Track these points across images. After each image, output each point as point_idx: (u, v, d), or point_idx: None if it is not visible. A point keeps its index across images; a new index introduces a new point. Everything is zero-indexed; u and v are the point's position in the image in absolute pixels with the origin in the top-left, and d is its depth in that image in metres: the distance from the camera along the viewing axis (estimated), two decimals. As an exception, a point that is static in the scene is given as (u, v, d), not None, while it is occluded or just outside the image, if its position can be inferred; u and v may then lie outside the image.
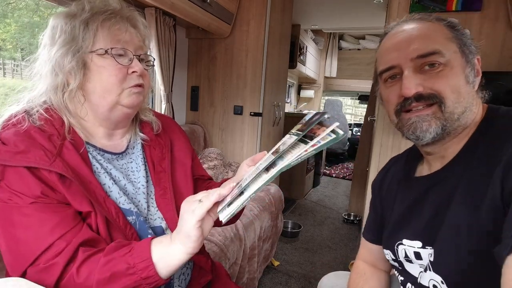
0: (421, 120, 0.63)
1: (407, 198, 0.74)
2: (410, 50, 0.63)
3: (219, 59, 2.41)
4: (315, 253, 2.46)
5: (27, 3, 1.56)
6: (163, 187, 0.76)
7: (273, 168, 0.54)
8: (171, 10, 1.73)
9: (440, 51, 0.61)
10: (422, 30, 0.64)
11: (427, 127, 0.62)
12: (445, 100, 0.61)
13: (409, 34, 0.65)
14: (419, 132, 0.63)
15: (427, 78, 0.62)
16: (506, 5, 1.77)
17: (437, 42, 0.62)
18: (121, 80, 0.67)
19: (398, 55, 0.65)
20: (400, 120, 0.67)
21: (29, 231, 0.57)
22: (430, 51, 0.61)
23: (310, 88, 5.71)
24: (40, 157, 0.59)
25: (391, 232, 0.76)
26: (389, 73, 0.68)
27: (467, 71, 0.63)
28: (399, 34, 0.67)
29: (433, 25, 0.65)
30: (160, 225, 0.74)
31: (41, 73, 0.67)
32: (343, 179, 4.81)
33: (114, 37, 0.67)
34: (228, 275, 0.96)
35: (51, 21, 0.68)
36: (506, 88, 1.63)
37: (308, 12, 3.60)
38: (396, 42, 0.66)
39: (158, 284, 0.59)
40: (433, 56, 0.61)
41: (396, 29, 0.68)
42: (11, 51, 1.59)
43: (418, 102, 0.63)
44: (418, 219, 0.69)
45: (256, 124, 2.38)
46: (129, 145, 0.78)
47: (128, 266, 0.57)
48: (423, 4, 1.94)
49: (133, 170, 0.76)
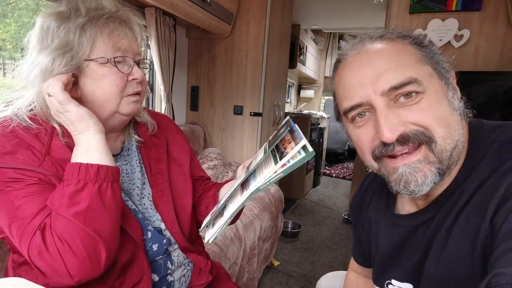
0: (413, 171, 0.51)
1: (391, 237, 0.65)
2: (379, 82, 0.51)
3: (219, 59, 2.41)
4: (315, 253, 2.46)
5: (27, 3, 1.56)
6: (161, 188, 0.76)
7: (246, 190, 0.53)
8: (171, 10, 1.73)
9: (415, 79, 0.50)
10: (389, 54, 0.53)
11: (423, 179, 0.50)
12: (434, 137, 0.50)
13: (374, 61, 0.53)
14: (413, 187, 0.51)
15: (406, 113, 0.50)
16: (506, 5, 1.77)
17: (409, 67, 0.51)
18: (121, 89, 0.66)
19: (365, 89, 0.52)
20: (382, 166, 0.55)
21: (27, 203, 0.56)
22: (404, 81, 0.50)
23: (310, 88, 5.71)
24: (28, 157, 0.58)
25: (378, 271, 0.70)
26: (356, 112, 0.55)
27: (449, 95, 0.52)
28: (361, 61, 0.54)
29: (398, 46, 0.53)
30: (159, 226, 0.74)
31: (28, 78, 0.63)
32: (343, 179, 4.81)
33: (115, 45, 0.64)
34: (228, 275, 0.96)
35: (40, 21, 0.63)
36: (506, 88, 1.63)
37: (308, 12, 3.60)
38: (359, 72, 0.53)
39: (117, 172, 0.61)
40: (408, 86, 0.50)
41: (354, 55, 0.55)
42: (11, 51, 1.59)
43: (403, 146, 0.51)
44: (406, 262, 0.62)
45: (256, 124, 2.38)
46: (124, 147, 0.77)
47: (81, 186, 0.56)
48: (423, 4, 1.94)
49: (128, 172, 0.74)
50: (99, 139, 0.61)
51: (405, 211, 0.64)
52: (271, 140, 0.53)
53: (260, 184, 0.50)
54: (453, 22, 1.87)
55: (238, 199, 0.54)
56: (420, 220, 0.59)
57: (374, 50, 0.54)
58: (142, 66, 0.72)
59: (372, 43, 0.55)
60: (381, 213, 0.70)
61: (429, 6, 1.92)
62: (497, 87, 1.63)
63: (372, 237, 0.72)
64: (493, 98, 1.66)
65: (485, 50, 1.85)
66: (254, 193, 0.51)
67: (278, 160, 0.49)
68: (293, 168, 0.47)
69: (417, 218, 0.60)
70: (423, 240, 0.58)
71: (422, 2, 1.93)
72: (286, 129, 0.49)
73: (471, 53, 1.87)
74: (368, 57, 0.54)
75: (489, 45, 1.84)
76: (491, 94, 1.67)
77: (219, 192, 0.85)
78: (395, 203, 0.67)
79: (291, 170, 0.48)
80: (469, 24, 1.86)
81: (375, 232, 0.71)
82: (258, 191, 0.51)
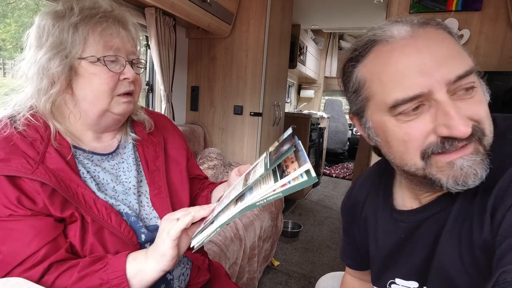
0: (472, 164, 0.47)
1: (393, 234, 0.63)
2: (443, 70, 0.46)
3: (219, 59, 2.41)
4: (315, 253, 2.46)
5: (27, 3, 1.56)
6: (158, 186, 0.76)
7: (240, 202, 0.51)
8: (171, 10, 1.73)
9: (473, 69, 0.47)
10: (445, 40, 0.48)
11: (481, 171, 0.47)
12: (484, 131, 0.47)
13: (433, 46, 0.47)
14: (472, 181, 0.47)
15: (465, 106, 0.47)
16: (506, 5, 1.77)
17: (465, 56, 0.48)
18: (112, 88, 0.66)
19: (426, 78, 0.46)
20: (431, 165, 0.49)
21: (5, 244, 0.57)
22: (468, 69, 0.46)
23: (310, 88, 5.71)
24: (21, 164, 0.58)
25: (379, 270, 0.69)
26: (413, 104, 0.48)
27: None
28: (417, 45, 0.48)
29: (443, 33, 0.49)
30: (156, 224, 0.74)
31: (27, 75, 0.65)
32: (343, 179, 4.81)
33: (106, 44, 0.64)
34: (227, 275, 0.96)
35: (37, 20, 0.65)
36: (506, 88, 1.63)
37: (308, 12, 3.60)
38: (418, 58, 0.47)
39: None
40: (470, 77, 0.46)
41: (406, 38, 0.49)
42: (11, 51, 1.59)
43: (462, 141, 0.47)
44: (411, 259, 0.60)
45: (256, 124, 2.38)
46: (120, 144, 0.77)
47: (101, 282, 0.57)
48: (423, 4, 1.94)
49: (124, 170, 0.75)
50: (157, 277, 0.60)
51: (406, 208, 0.63)
52: (273, 154, 0.51)
53: (257, 199, 0.48)
54: (453, 22, 1.87)
55: (231, 209, 0.52)
56: (425, 215, 0.58)
57: (429, 36, 0.48)
58: (137, 65, 0.72)
59: (422, 28, 0.49)
60: (379, 211, 0.69)
61: (429, 6, 1.92)
62: (497, 87, 1.63)
63: (370, 237, 0.71)
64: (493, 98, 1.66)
65: (485, 50, 1.85)
66: (249, 208, 0.49)
67: (279, 178, 0.46)
68: (293, 191, 0.45)
69: (422, 213, 0.58)
70: (429, 236, 0.57)
71: (422, 2, 1.93)
72: (291, 149, 0.46)
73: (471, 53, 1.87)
74: (425, 42, 0.47)
75: (489, 45, 1.84)
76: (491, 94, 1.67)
77: (212, 193, 0.86)
78: (393, 201, 0.66)
79: (290, 192, 0.46)
80: (469, 24, 1.86)
81: (373, 231, 0.70)
82: (254, 207, 0.49)
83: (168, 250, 0.58)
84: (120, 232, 0.65)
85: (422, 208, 0.59)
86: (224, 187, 0.83)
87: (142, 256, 0.61)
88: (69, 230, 0.63)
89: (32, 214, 0.58)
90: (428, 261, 0.57)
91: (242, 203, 0.50)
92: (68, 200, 0.61)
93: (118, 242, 0.65)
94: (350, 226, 0.78)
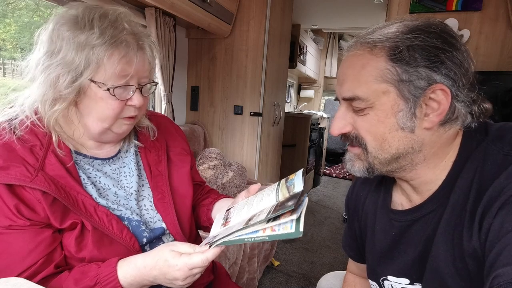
0: (348, 159, 0.63)
1: (388, 232, 0.68)
2: (341, 88, 0.59)
3: (219, 59, 2.41)
4: (315, 253, 2.46)
5: (27, 3, 1.56)
6: (161, 190, 0.76)
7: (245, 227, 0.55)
8: (171, 10, 1.73)
9: (359, 97, 0.55)
10: (351, 67, 0.58)
11: (351, 166, 0.62)
12: (367, 146, 0.58)
13: (341, 71, 0.60)
14: (351, 170, 0.63)
15: (356, 120, 0.58)
16: (506, 5, 1.77)
17: (361, 84, 0.55)
18: (117, 114, 0.66)
19: (337, 89, 0.62)
20: None
21: (1, 258, 0.56)
22: (350, 96, 0.57)
23: (310, 88, 5.71)
24: (21, 172, 0.57)
25: (373, 266, 0.72)
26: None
27: (401, 114, 0.53)
28: (342, 64, 0.61)
29: (365, 59, 0.56)
30: (161, 227, 0.74)
31: (36, 78, 0.62)
32: (343, 179, 4.81)
33: (120, 73, 0.62)
34: (228, 275, 0.96)
35: (53, 24, 0.61)
36: (506, 88, 1.63)
37: (308, 12, 3.60)
38: (339, 73, 0.62)
39: None
40: (354, 101, 0.57)
41: (344, 56, 0.62)
42: (11, 51, 1.59)
43: (345, 141, 0.62)
44: (402, 257, 0.64)
45: (256, 124, 2.38)
46: (121, 149, 0.76)
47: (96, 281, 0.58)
48: (423, 4, 1.94)
49: (126, 175, 0.74)
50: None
51: (401, 207, 0.66)
52: (277, 208, 0.53)
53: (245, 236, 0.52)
54: (453, 22, 1.87)
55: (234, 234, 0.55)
56: (417, 215, 0.61)
57: (348, 59, 0.59)
58: (148, 86, 0.70)
59: (352, 50, 0.59)
60: (378, 210, 0.71)
61: (429, 6, 1.92)
62: (497, 87, 1.63)
63: (368, 233, 0.74)
64: (493, 98, 1.66)
65: (485, 50, 1.85)
66: (236, 242, 0.53)
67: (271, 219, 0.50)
68: (277, 238, 0.49)
69: (413, 213, 0.62)
70: (421, 236, 0.60)
71: (422, 2, 1.93)
72: (292, 207, 0.50)
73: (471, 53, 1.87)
74: (344, 63, 0.60)
75: (489, 45, 1.84)
76: (491, 94, 1.67)
77: (214, 205, 0.86)
78: (391, 200, 0.69)
79: (274, 239, 0.50)
80: (469, 24, 1.86)
81: (371, 228, 0.72)
82: (241, 242, 0.53)
83: None
84: (121, 238, 0.64)
85: (414, 209, 0.62)
86: (227, 203, 0.81)
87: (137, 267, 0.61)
88: (67, 237, 0.62)
89: (31, 224, 0.58)
90: (420, 260, 0.60)
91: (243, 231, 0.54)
92: (68, 208, 0.60)
93: (119, 248, 0.64)
94: (353, 216, 0.81)
